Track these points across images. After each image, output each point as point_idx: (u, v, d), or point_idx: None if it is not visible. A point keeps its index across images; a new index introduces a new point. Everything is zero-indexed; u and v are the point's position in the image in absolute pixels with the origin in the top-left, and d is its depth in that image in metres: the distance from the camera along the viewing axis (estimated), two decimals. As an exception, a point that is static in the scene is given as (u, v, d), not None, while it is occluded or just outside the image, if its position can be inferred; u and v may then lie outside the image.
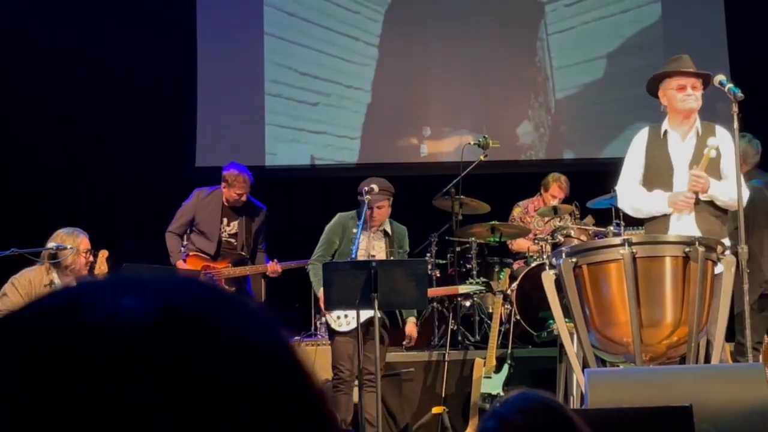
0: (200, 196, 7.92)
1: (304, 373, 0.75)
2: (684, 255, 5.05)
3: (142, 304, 0.71)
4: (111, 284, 0.75)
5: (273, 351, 0.74)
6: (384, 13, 11.04)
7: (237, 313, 0.74)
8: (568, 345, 5.52)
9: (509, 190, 9.41)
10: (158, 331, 0.69)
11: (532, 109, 10.99)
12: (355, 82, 10.97)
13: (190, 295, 0.74)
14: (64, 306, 0.72)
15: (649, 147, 5.87)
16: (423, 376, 7.92)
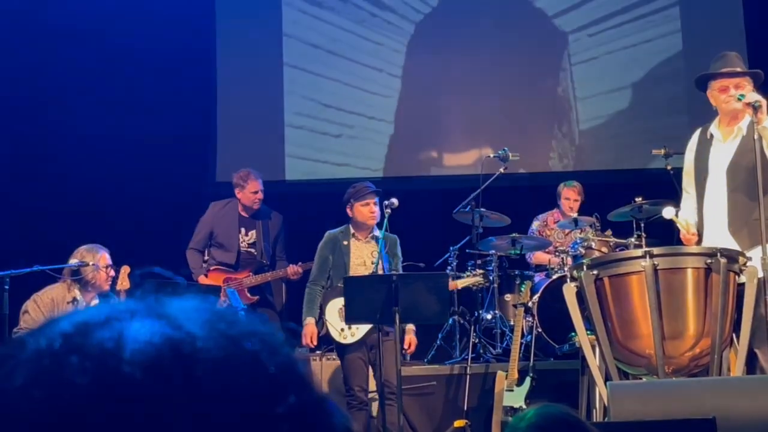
0: (216, 209, 7.95)
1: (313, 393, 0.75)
2: (706, 266, 5.03)
3: (147, 329, 0.71)
4: (119, 309, 0.75)
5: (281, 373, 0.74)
6: (406, 44, 11.04)
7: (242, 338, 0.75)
8: (590, 357, 5.50)
9: (530, 203, 9.39)
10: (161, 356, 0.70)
11: (555, 140, 10.97)
12: (378, 113, 10.94)
13: (195, 322, 0.74)
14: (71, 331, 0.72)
15: (696, 150, 5.84)
16: (445, 390, 7.90)
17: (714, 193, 5.65)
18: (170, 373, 0.69)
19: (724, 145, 5.70)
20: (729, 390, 4.47)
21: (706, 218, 5.66)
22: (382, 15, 11.03)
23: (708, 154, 5.73)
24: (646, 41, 10.96)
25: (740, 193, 5.57)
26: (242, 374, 0.72)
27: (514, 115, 10.87)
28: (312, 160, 10.84)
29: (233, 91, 10.82)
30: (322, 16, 11.02)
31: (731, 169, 5.62)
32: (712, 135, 5.74)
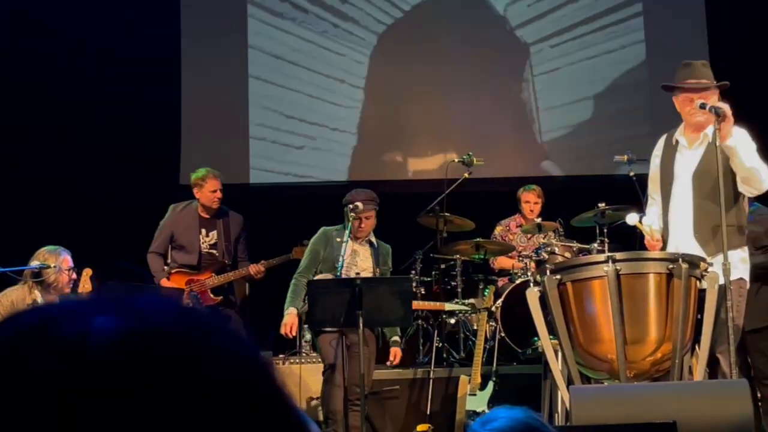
0: (175, 211, 7.91)
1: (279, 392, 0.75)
2: (667, 272, 5.06)
3: (112, 323, 0.71)
4: (84, 304, 0.75)
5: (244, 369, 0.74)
6: (369, 55, 11.04)
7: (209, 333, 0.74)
8: (553, 362, 5.52)
9: (494, 208, 9.42)
10: (126, 349, 0.70)
11: (519, 146, 11.02)
12: (341, 124, 10.93)
13: (161, 316, 0.74)
14: (36, 324, 0.72)
15: (662, 156, 5.86)
16: (408, 394, 7.91)
17: (680, 199, 5.67)
18: (135, 366, 0.69)
19: (690, 152, 5.72)
20: (690, 394, 4.50)
21: (671, 224, 5.69)
22: (344, 26, 11.02)
23: (674, 160, 5.75)
24: (609, 52, 11.03)
25: (706, 199, 5.58)
26: (208, 370, 0.71)
27: (478, 121, 10.90)
28: (275, 171, 10.81)
29: (198, 97, 10.77)
30: (285, 27, 10.99)
31: (697, 175, 5.64)
32: (678, 141, 5.77)
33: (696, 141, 5.70)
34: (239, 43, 10.91)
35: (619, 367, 4.99)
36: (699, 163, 5.64)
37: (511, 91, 11.10)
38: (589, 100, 11.03)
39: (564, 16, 11.10)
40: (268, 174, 10.81)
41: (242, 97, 10.84)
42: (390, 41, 11.06)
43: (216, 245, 7.85)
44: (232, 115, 10.80)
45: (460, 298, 8.40)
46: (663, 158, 5.82)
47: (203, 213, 7.86)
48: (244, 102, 10.83)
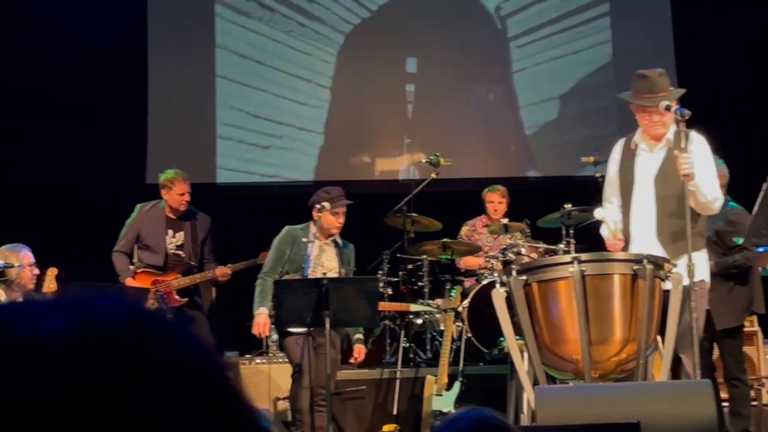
0: (143, 211, 7.87)
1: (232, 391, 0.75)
2: (632, 273, 5.09)
3: (65, 323, 0.71)
4: (38, 305, 0.75)
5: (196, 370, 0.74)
6: (336, 54, 11.03)
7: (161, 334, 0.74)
8: (519, 362, 5.54)
9: (461, 208, 9.44)
10: (78, 348, 0.70)
11: (487, 147, 11.04)
12: (307, 124, 10.91)
13: (115, 316, 0.74)
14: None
15: (620, 160, 5.90)
16: (374, 394, 7.91)
17: (642, 202, 5.72)
18: (85, 368, 0.69)
19: (651, 155, 5.77)
20: (654, 395, 4.53)
21: (633, 227, 5.73)
22: (311, 25, 11.01)
23: (633, 164, 5.80)
24: (576, 52, 11.07)
25: (668, 202, 5.64)
26: (160, 371, 0.71)
27: (446, 121, 10.92)
28: (242, 171, 10.78)
29: (165, 96, 10.72)
30: (252, 26, 10.96)
31: (659, 179, 5.69)
32: (637, 145, 5.82)
33: (657, 145, 5.76)
34: (207, 43, 10.88)
35: (584, 368, 5.01)
36: (660, 167, 5.70)
37: (478, 91, 11.12)
38: (556, 100, 11.08)
39: (531, 16, 11.14)
40: (235, 173, 10.78)
41: (209, 96, 10.81)
42: (357, 41, 11.06)
43: (183, 246, 7.81)
44: (199, 114, 10.76)
45: (427, 299, 8.41)
46: (622, 162, 5.87)
47: (170, 214, 7.82)
48: (212, 101, 10.80)
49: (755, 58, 10.55)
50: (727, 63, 10.62)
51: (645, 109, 5.70)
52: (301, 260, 6.89)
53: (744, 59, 10.60)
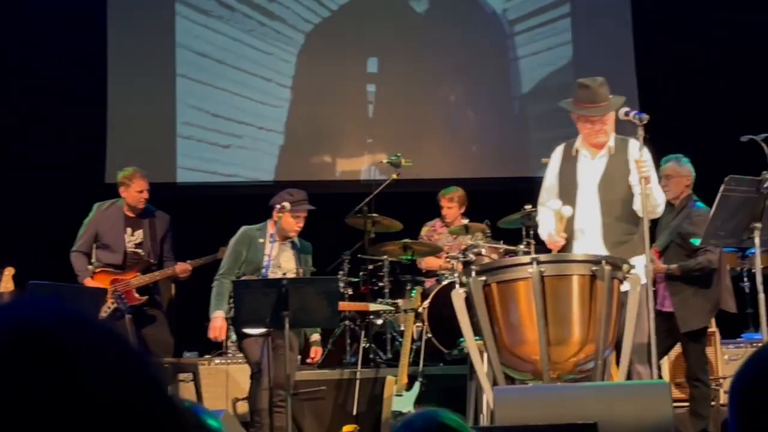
0: (100, 210, 7.81)
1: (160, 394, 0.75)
2: (591, 273, 5.12)
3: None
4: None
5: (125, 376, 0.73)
6: (297, 54, 11.00)
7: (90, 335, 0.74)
8: (478, 363, 5.55)
9: (422, 209, 9.45)
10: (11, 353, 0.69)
11: (448, 147, 11.05)
12: (267, 123, 10.87)
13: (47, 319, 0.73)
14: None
15: (561, 164, 5.96)
16: (335, 395, 7.90)
17: (586, 207, 5.78)
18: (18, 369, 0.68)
19: (593, 162, 5.85)
20: (611, 395, 4.56)
21: (578, 233, 5.78)
22: (271, 25, 10.96)
23: (575, 170, 5.87)
24: (535, 53, 11.11)
25: (614, 208, 5.76)
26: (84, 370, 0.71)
27: (407, 122, 10.92)
28: (202, 171, 10.72)
29: (125, 95, 10.65)
30: (212, 25, 10.91)
31: (602, 185, 5.79)
32: (578, 151, 5.89)
33: (598, 152, 5.84)
34: (166, 41, 10.81)
35: (542, 368, 5.03)
36: (603, 174, 5.80)
37: (439, 91, 11.14)
38: (516, 101, 11.11)
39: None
40: (195, 173, 10.72)
41: (169, 95, 10.75)
42: (318, 40, 11.03)
43: (142, 244, 7.76)
44: (159, 113, 10.69)
45: (388, 299, 8.42)
46: (563, 168, 5.93)
47: (129, 212, 7.77)
48: (171, 100, 10.73)
49: (714, 58, 10.64)
50: (686, 63, 10.70)
51: (587, 119, 5.79)
52: (258, 261, 6.86)
53: (703, 59, 10.69)
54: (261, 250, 6.89)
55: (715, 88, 10.58)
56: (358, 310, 8.31)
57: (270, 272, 6.79)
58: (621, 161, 5.77)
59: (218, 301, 6.89)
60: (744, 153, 6.48)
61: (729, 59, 10.59)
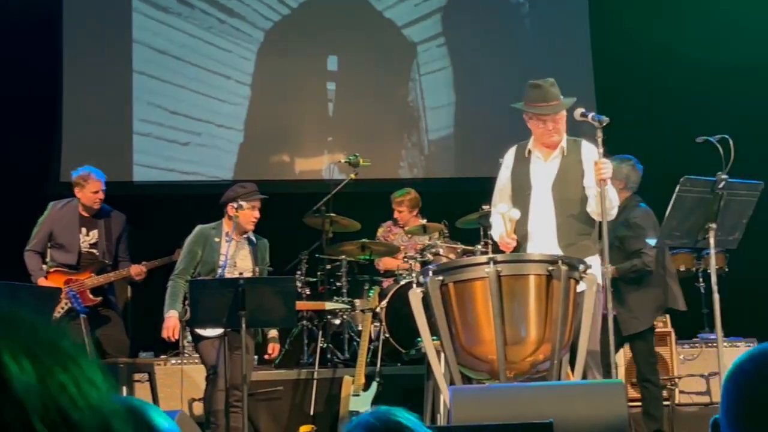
0: (55, 209, 7.74)
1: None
2: (547, 273, 5.13)
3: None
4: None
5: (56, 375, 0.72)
6: (256, 52, 10.96)
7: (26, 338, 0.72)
8: (435, 363, 5.55)
9: (380, 209, 9.44)
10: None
11: (406, 147, 11.06)
12: (226, 121, 10.82)
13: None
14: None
15: (513, 166, 5.98)
16: (292, 395, 7.87)
17: (540, 208, 5.80)
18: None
19: (546, 164, 5.88)
20: (567, 395, 4.57)
21: (531, 233, 5.80)
22: (230, 22, 10.91)
23: (528, 171, 5.88)
24: (493, 56, 11.14)
25: (568, 209, 5.78)
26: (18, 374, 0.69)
27: (366, 122, 10.91)
28: (159, 168, 10.65)
29: (80, 92, 10.55)
30: (170, 22, 10.84)
31: (557, 185, 5.81)
32: (531, 152, 5.91)
33: (551, 153, 5.87)
34: (123, 38, 10.73)
35: (499, 368, 5.03)
36: (557, 174, 5.82)
37: (398, 91, 11.14)
38: (474, 102, 11.13)
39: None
40: (152, 171, 10.65)
41: (126, 92, 10.66)
42: (277, 38, 10.99)
43: (96, 245, 7.69)
44: (115, 110, 10.60)
45: (345, 298, 8.41)
46: (516, 169, 5.95)
47: (84, 212, 7.70)
48: (128, 97, 10.65)
49: (669, 61, 10.73)
50: (642, 67, 10.78)
51: (539, 118, 5.81)
52: (214, 262, 6.80)
53: (658, 63, 10.77)
54: (217, 249, 6.84)
55: (671, 90, 10.66)
56: (316, 310, 8.29)
57: (226, 272, 6.75)
58: (574, 162, 5.80)
59: (172, 300, 6.83)
60: (699, 154, 6.53)
61: (684, 62, 10.67)
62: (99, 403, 0.74)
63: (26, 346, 0.72)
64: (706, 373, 7.69)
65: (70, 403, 0.72)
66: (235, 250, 6.90)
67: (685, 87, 10.60)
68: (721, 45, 10.40)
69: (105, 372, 0.78)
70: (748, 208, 6.11)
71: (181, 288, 6.82)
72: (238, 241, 6.94)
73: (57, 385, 0.72)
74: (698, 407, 7.64)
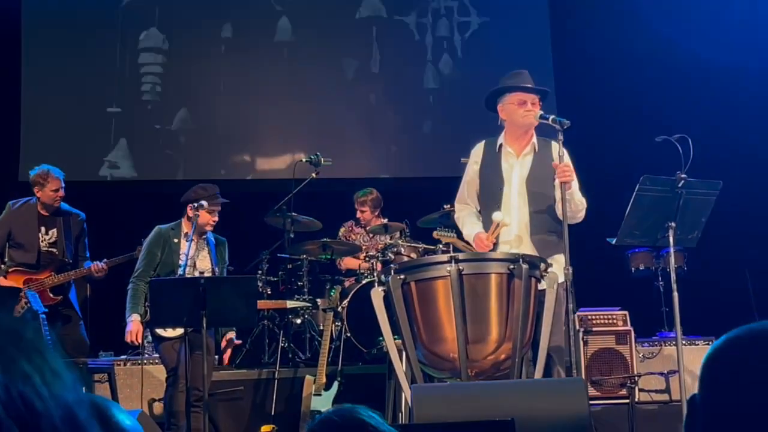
0: (13, 208, 7.67)
1: None
2: (508, 272, 5.14)
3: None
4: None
5: None
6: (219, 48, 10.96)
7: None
8: (396, 361, 5.54)
9: (341, 208, 9.44)
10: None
11: (368, 146, 11.05)
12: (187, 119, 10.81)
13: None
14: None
15: (483, 162, 5.99)
16: (252, 394, 7.84)
17: (512, 204, 5.82)
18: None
19: (518, 160, 5.90)
20: (528, 392, 4.58)
21: (504, 229, 5.82)
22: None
23: (500, 167, 5.91)
24: (454, 56, 11.18)
25: (540, 205, 5.83)
26: None
27: (328, 121, 10.89)
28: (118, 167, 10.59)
29: (39, 89, 10.46)
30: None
31: (529, 182, 5.85)
32: (501, 148, 5.93)
33: (523, 150, 5.90)
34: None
35: (461, 366, 5.04)
36: (530, 171, 5.86)
37: (359, 91, 11.13)
38: (435, 101, 11.15)
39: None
40: (115, 169, 10.58)
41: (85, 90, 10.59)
42: (239, 33, 10.96)
43: (56, 243, 7.63)
44: (74, 108, 10.52)
45: (307, 297, 8.39)
46: (486, 165, 5.96)
47: (43, 211, 7.64)
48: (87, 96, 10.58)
49: (628, 60, 10.80)
50: (601, 66, 10.84)
51: (521, 99, 5.83)
52: (173, 263, 6.77)
53: (617, 62, 10.84)
54: (176, 250, 6.81)
55: (630, 90, 10.73)
56: (277, 308, 8.27)
57: (186, 272, 6.72)
58: (547, 159, 5.82)
59: (133, 304, 6.78)
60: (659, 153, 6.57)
61: (644, 61, 10.75)
62: (63, 393, 0.73)
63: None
64: (666, 371, 7.74)
65: (34, 393, 0.71)
66: (195, 251, 6.87)
67: (644, 87, 10.67)
68: (680, 44, 10.49)
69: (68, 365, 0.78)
70: (707, 207, 6.16)
71: (141, 290, 6.77)
72: (197, 241, 6.91)
73: (21, 375, 0.71)
74: (658, 405, 7.68)
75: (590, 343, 7.66)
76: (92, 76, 10.58)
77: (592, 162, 9.88)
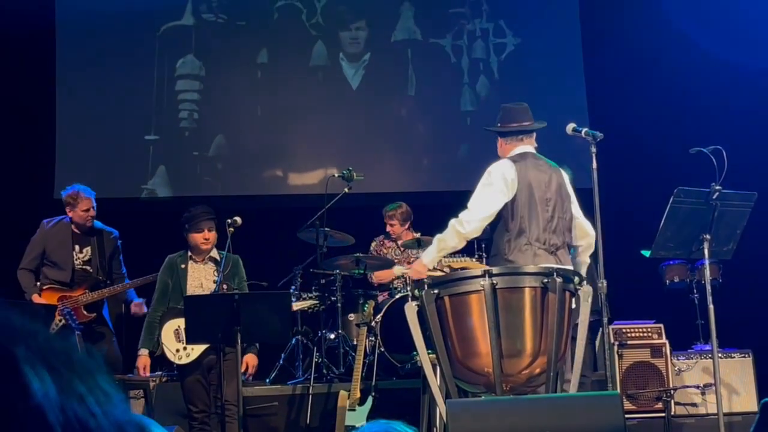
0: (47, 227, 7.74)
1: None
2: (542, 286, 5.13)
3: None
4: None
5: None
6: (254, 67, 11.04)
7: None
8: (431, 376, 5.54)
9: (373, 223, 9.44)
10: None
11: (399, 161, 11.06)
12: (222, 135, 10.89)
13: None
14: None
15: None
16: (287, 410, 7.85)
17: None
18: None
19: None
20: (564, 407, 4.56)
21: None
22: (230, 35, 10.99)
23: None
24: (488, 74, 11.21)
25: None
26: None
27: (359, 136, 10.92)
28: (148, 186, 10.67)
29: (74, 108, 10.55)
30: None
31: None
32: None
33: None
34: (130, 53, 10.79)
35: (495, 381, 5.03)
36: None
37: (391, 105, 11.14)
38: (467, 115, 11.15)
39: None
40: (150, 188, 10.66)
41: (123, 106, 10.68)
42: (275, 62, 11.01)
43: (90, 261, 7.69)
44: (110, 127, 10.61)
45: (340, 314, 8.39)
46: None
47: (76, 229, 7.70)
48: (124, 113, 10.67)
49: (662, 73, 10.76)
50: (635, 78, 10.81)
51: None
52: (184, 288, 6.77)
53: (651, 75, 10.81)
54: (183, 275, 6.82)
55: (663, 102, 10.69)
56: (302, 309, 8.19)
57: (190, 293, 6.72)
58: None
59: (145, 337, 6.81)
60: (694, 165, 6.54)
61: (677, 73, 10.71)
62: (114, 412, 0.74)
63: (43, 357, 0.73)
64: (702, 384, 7.69)
65: (89, 414, 0.72)
66: (199, 272, 6.87)
67: (677, 99, 10.63)
68: (714, 56, 10.44)
69: (116, 384, 0.79)
70: (742, 218, 6.13)
71: (155, 325, 6.79)
72: (203, 262, 6.90)
73: (76, 396, 0.72)
74: (694, 419, 7.63)
75: (625, 357, 7.63)
76: (129, 102, 10.65)
77: (625, 176, 9.89)
